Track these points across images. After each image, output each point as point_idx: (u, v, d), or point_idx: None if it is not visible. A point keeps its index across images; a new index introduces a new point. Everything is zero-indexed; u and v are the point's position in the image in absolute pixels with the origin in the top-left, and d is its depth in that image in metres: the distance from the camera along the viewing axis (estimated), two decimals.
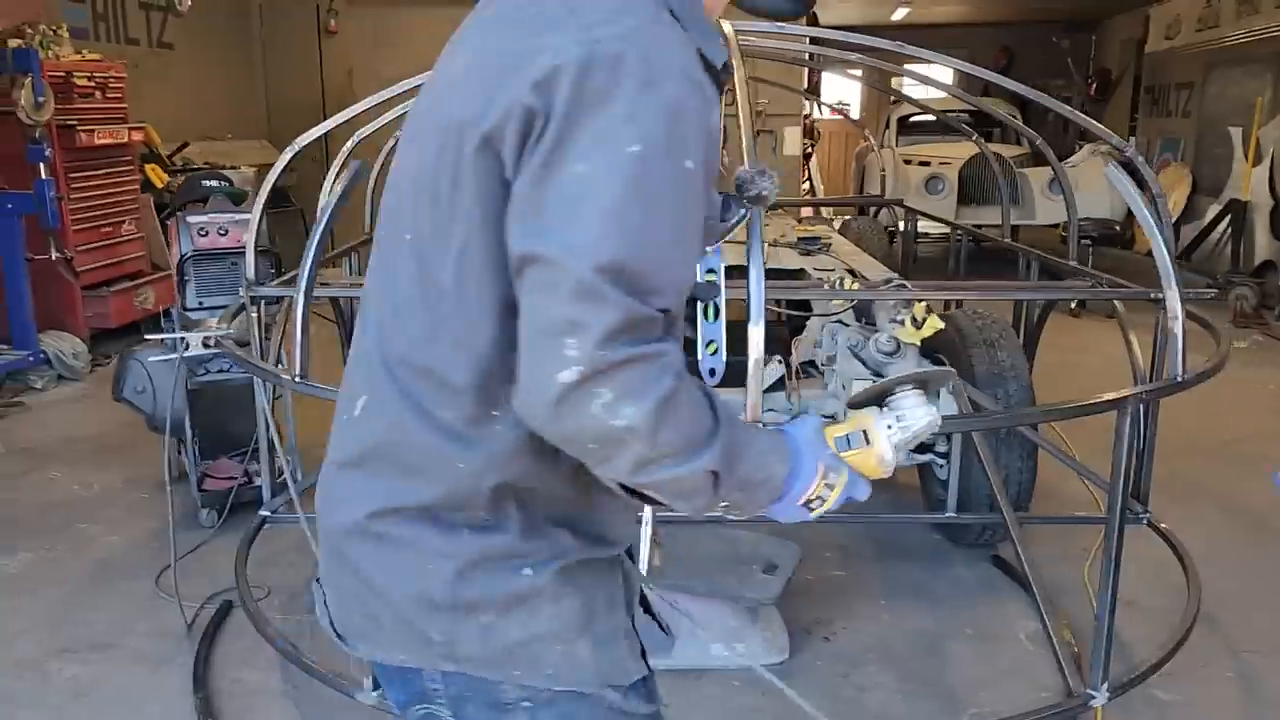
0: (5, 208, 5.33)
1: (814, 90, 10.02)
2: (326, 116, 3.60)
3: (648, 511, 2.05)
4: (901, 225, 6.56)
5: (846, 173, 14.09)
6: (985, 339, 3.49)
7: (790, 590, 3.21)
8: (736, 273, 4.50)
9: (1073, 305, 7.39)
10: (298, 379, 2.23)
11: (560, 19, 1.06)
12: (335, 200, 2.49)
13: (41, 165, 5.31)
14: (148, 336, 3.09)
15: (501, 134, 1.03)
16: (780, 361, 3.61)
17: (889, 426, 1.23)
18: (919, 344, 3.21)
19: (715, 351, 1.36)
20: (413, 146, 1.18)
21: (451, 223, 1.08)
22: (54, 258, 5.39)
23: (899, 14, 13.47)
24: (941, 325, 3.10)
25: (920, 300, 3.08)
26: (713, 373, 1.37)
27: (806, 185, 11.17)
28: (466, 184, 1.06)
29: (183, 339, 2.58)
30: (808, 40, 5.94)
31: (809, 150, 9.81)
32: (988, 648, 3.08)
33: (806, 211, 7.91)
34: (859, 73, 16.20)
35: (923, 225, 7.90)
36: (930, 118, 12.26)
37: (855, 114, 15.24)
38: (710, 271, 1.91)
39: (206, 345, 2.48)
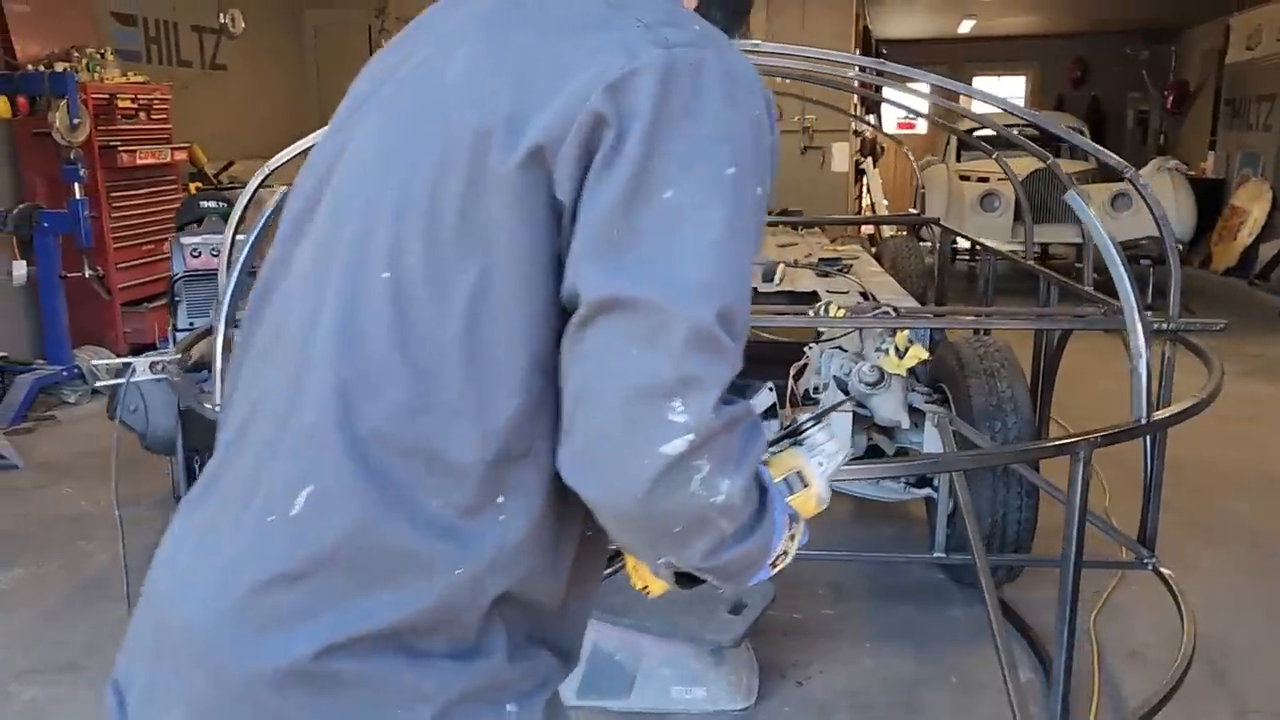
0: (42, 226, 5.47)
1: (872, 108, 9.80)
2: None
3: None
4: (938, 244, 6.34)
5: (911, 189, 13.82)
6: (985, 368, 3.31)
7: (765, 630, 3.08)
8: None
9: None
10: (218, 408, 2.19)
11: (604, 15, 0.91)
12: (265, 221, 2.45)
13: (76, 185, 5.44)
14: (125, 359, 3.11)
15: (558, 145, 0.84)
16: (770, 389, 3.48)
17: (819, 464, 1.14)
18: (904, 374, 3.06)
19: None
20: (371, 162, 0.96)
21: (460, 256, 0.87)
22: (86, 275, 5.50)
23: (965, 26, 13.16)
24: (925, 355, 2.95)
25: (902, 328, 2.94)
26: None
27: (867, 201, 10.96)
28: (490, 208, 0.87)
29: (129, 364, 2.57)
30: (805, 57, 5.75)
31: (862, 166, 9.60)
32: (969, 699, 2.90)
33: (865, 228, 7.74)
34: (925, 88, 15.97)
35: (967, 244, 7.65)
36: (994, 133, 12.00)
37: (924, 129, 14.93)
38: None
39: (153, 370, 2.46)
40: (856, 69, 4.38)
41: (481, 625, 0.93)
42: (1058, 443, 1.94)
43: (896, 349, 2.93)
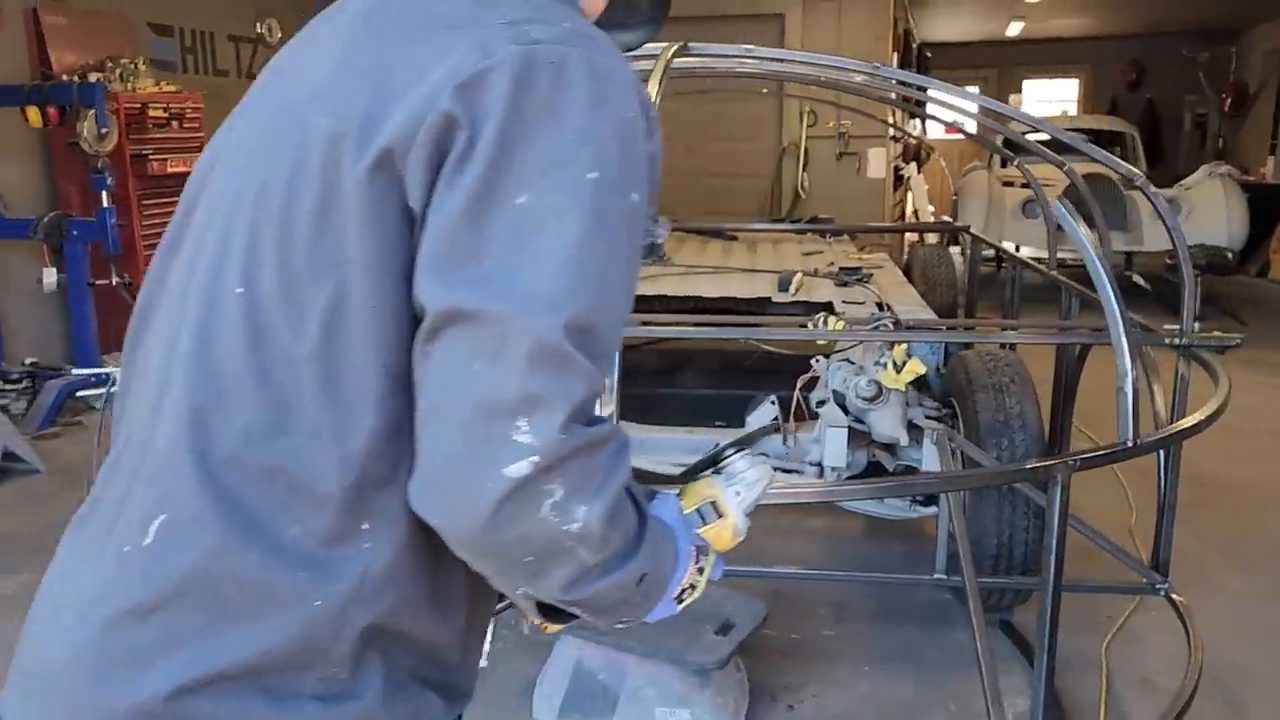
0: (71, 234, 5.55)
1: (916, 112, 9.60)
2: None
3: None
4: (967, 253, 6.18)
5: None
6: (994, 383, 3.19)
7: (760, 650, 3.01)
8: (674, 304, 4.31)
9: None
10: None
11: (472, 13, 0.86)
12: None
13: (104, 194, 5.51)
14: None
15: (407, 149, 0.80)
16: (773, 402, 3.40)
17: (737, 493, 1.09)
18: (903, 389, 2.96)
19: None
20: (236, 170, 0.93)
21: (315, 270, 0.83)
22: (114, 283, 5.57)
23: (1014, 28, 12.91)
24: (923, 370, 2.85)
25: (899, 342, 2.84)
26: None
27: (910, 209, 10.77)
28: (344, 216, 0.82)
29: (110, 375, 2.56)
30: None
31: (903, 172, 9.43)
32: None
33: (912, 235, 7.59)
34: (975, 89, 15.68)
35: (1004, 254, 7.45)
36: (1043, 137, 11.76)
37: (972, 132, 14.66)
38: None
39: None
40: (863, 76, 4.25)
41: (354, 663, 0.87)
42: (1033, 465, 1.84)
43: (894, 363, 2.83)
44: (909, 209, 10.83)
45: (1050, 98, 15.36)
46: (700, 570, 1.01)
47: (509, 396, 0.77)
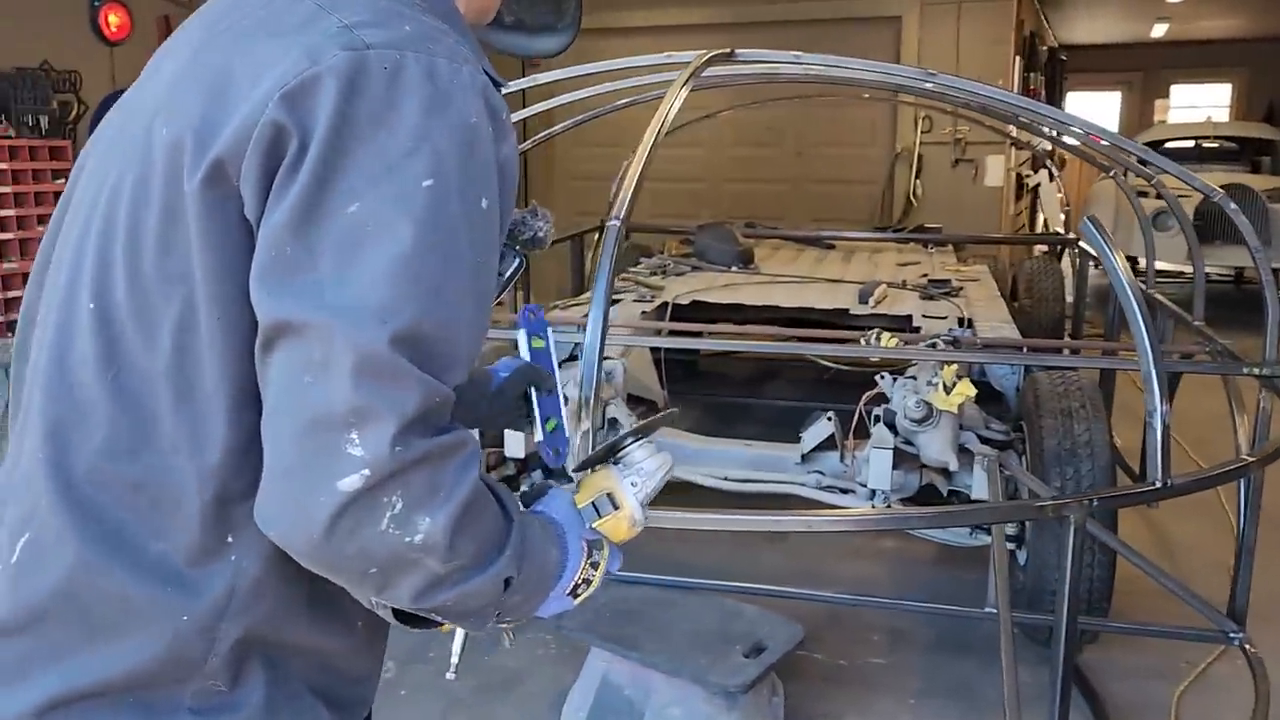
0: None
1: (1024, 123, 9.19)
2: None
3: None
4: (1076, 267, 5.89)
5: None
6: (1063, 408, 3.01)
7: (802, 673, 2.92)
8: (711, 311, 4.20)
9: None
10: None
11: (309, 16, 0.85)
12: None
13: None
14: None
15: (238, 158, 0.80)
16: (830, 418, 3.29)
17: (633, 484, 1.08)
18: (956, 410, 2.82)
19: (555, 429, 1.19)
20: (92, 182, 0.92)
21: (163, 283, 0.83)
22: None
23: (1158, 30, 12.25)
24: (973, 391, 2.70)
25: (949, 363, 2.70)
26: (557, 454, 1.20)
27: (1040, 220, 10.34)
28: (186, 228, 0.82)
29: None
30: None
31: (1028, 180, 9.05)
32: None
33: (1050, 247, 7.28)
34: (1117, 95, 14.94)
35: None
36: (1186, 144, 11.12)
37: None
38: (536, 336, 1.68)
39: None
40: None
41: (232, 675, 0.87)
42: (1042, 503, 1.72)
43: (944, 384, 2.69)
44: (1039, 219, 10.39)
45: (1200, 103, 14.51)
46: (594, 565, 1.00)
47: (338, 409, 0.76)
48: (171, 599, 0.84)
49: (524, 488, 1.06)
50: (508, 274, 1.10)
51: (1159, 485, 1.75)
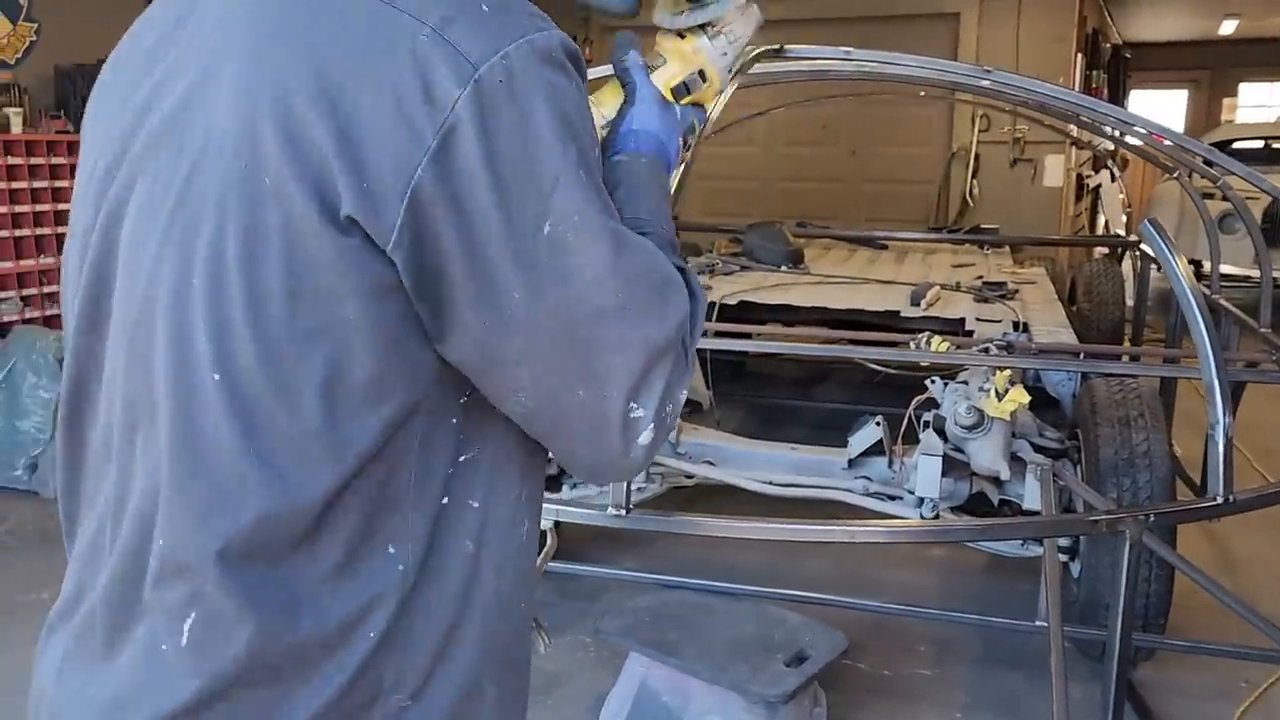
0: None
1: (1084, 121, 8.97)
2: None
3: None
4: (1136, 270, 5.72)
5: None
6: (1120, 416, 2.91)
7: (846, 683, 2.86)
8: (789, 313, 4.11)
9: None
10: None
11: (388, 18, 0.77)
12: None
13: None
14: None
15: (383, 225, 0.75)
16: (878, 423, 3.22)
17: (724, 54, 1.09)
18: (1008, 418, 2.73)
19: None
20: (166, 234, 0.80)
21: (303, 342, 0.77)
22: None
23: (1227, 27, 11.92)
24: (1026, 399, 2.62)
25: (1003, 368, 2.62)
26: None
27: (1101, 221, 10.11)
28: (323, 277, 0.76)
29: None
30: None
31: (1089, 181, 8.83)
32: None
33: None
34: (1184, 91, 14.56)
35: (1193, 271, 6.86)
36: (1255, 144, 10.80)
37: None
38: None
39: None
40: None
41: (412, 689, 0.87)
42: (1096, 518, 1.64)
43: (996, 390, 2.61)
44: (1100, 221, 10.16)
45: (1270, 103, 14.11)
46: (687, 147, 1.09)
47: (615, 407, 0.86)
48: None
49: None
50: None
51: (1220, 501, 1.66)
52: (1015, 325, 3.88)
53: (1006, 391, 2.59)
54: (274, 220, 0.76)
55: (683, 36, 1.08)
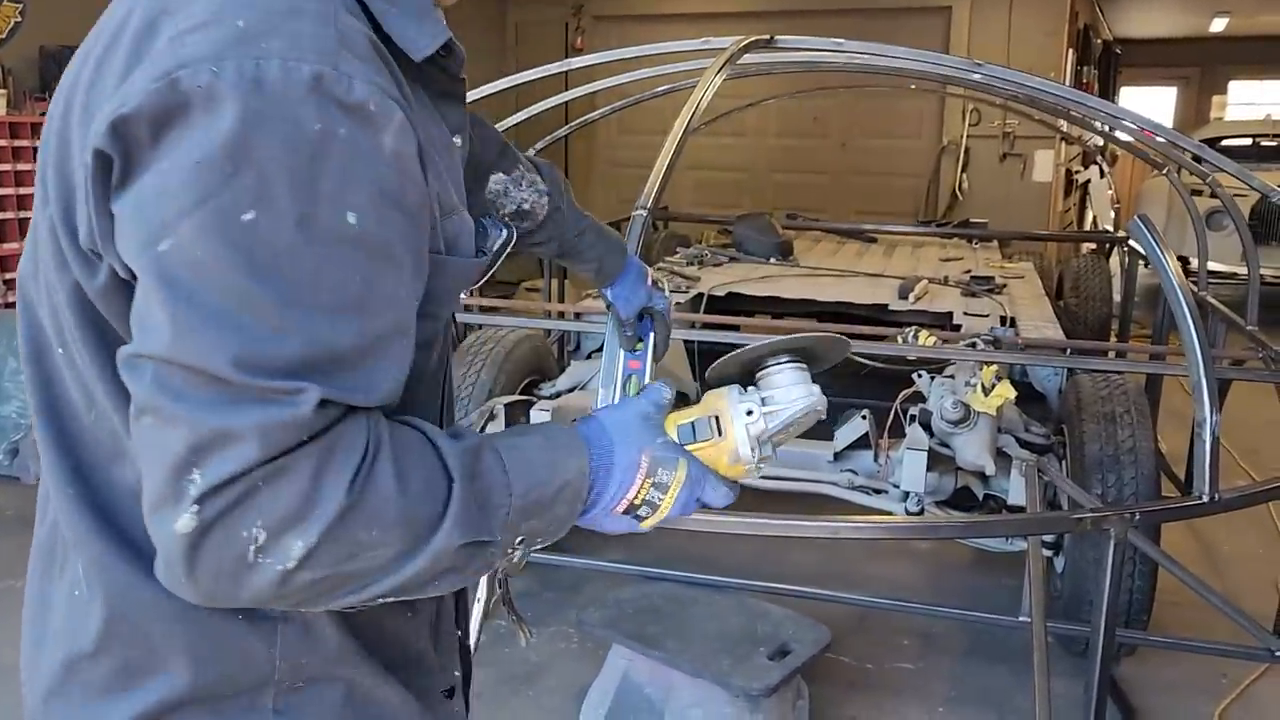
0: None
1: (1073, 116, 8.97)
2: None
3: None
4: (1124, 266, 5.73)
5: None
6: (1105, 412, 2.92)
7: (828, 677, 2.86)
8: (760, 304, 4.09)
9: None
10: None
11: (150, 26, 0.76)
12: None
13: None
14: None
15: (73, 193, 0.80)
16: (864, 416, 3.21)
17: (749, 412, 0.93)
18: (994, 413, 2.73)
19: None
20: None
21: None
22: None
23: (1217, 24, 11.93)
24: (1012, 394, 2.61)
25: (989, 363, 2.61)
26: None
27: (1090, 216, 10.13)
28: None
29: None
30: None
31: (1078, 176, 8.85)
32: None
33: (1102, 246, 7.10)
34: (1174, 89, 14.59)
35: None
36: (1244, 142, 10.83)
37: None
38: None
39: None
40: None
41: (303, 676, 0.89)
42: (1080, 515, 1.63)
43: (982, 385, 2.61)
44: (1088, 217, 10.17)
45: (1260, 100, 14.14)
46: (660, 486, 0.87)
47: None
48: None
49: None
50: (494, 247, 0.97)
51: (1205, 499, 1.66)
52: (1002, 320, 3.88)
53: (993, 386, 2.59)
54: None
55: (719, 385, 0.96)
